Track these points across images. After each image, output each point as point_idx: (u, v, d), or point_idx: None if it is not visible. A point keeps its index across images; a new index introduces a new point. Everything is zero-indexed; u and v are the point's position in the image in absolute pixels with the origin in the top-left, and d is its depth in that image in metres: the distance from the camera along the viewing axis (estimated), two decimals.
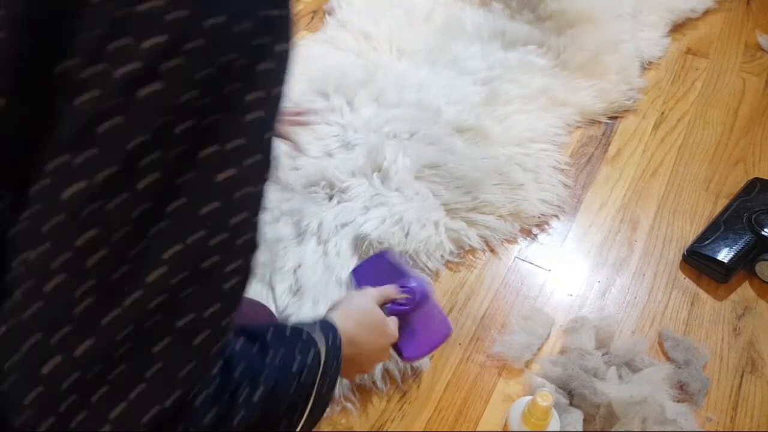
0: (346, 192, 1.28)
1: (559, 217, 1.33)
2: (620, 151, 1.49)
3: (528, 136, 1.45)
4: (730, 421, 1.02)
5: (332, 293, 1.12)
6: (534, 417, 0.89)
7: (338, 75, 1.58)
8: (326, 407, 0.59)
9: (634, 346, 1.07)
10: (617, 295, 1.19)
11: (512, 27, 1.77)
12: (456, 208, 1.29)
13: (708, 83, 1.68)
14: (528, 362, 1.08)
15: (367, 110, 1.49)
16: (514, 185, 1.33)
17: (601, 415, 0.98)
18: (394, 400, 1.03)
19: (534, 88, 1.56)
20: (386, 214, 1.24)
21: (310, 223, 1.22)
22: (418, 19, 1.81)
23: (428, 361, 1.07)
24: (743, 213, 1.26)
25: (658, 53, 1.75)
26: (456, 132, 1.43)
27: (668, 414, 0.97)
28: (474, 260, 1.25)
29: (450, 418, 1.02)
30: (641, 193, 1.39)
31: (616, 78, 1.61)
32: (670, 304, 1.18)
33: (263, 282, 1.14)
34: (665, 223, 1.32)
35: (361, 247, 1.18)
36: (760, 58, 1.77)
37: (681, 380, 1.04)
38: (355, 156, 1.37)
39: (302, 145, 1.08)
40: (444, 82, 1.58)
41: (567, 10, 1.77)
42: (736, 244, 1.20)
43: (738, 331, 1.14)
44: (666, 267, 1.24)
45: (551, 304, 1.18)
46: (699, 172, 1.44)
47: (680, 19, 1.87)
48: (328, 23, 1.85)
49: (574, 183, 1.40)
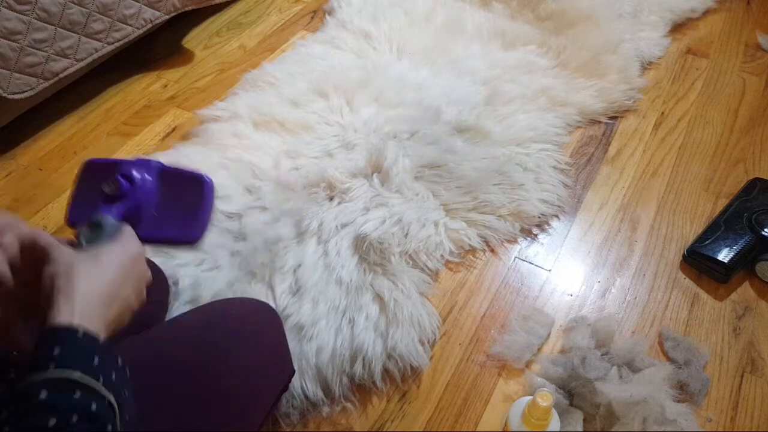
0: (346, 193, 1.28)
1: (559, 217, 1.33)
2: (620, 151, 1.49)
3: (528, 136, 1.45)
4: (730, 421, 1.02)
5: (332, 293, 1.12)
6: (534, 417, 0.89)
7: (338, 75, 1.59)
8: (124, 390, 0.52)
9: (634, 346, 1.07)
10: (617, 295, 1.19)
11: (512, 27, 1.77)
12: (456, 208, 1.29)
13: (708, 83, 1.68)
14: (528, 362, 1.08)
15: (367, 110, 1.49)
16: (514, 185, 1.33)
17: (601, 415, 0.98)
18: (394, 400, 1.03)
19: (534, 88, 1.56)
20: (386, 215, 1.24)
21: (310, 223, 1.22)
22: (418, 19, 1.81)
23: (428, 361, 1.08)
24: (743, 213, 1.26)
25: (658, 53, 1.75)
26: (456, 132, 1.43)
27: (668, 414, 0.97)
28: (474, 260, 1.25)
29: (450, 418, 1.02)
30: (641, 193, 1.39)
31: (616, 78, 1.61)
32: (670, 304, 1.18)
33: (263, 282, 1.14)
34: (665, 223, 1.32)
35: (362, 247, 1.18)
36: (760, 58, 1.77)
37: (681, 380, 1.04)
38: (355, 156, 1.37)
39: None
40: (444, 82, 1.58)
41: (567, 10, 1.77)
42: (736, 244, 1.20)
43: (738, 331, 1.14)
44: (666, 267, 1.24)
45: (551, 304, 1.18)
46: (699, 172, 1.44)
47: (680, 19, 1.87)
48: (328, 23, 1.85)
49: (574, 183, 1.40)
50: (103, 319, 0.54)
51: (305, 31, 1.87)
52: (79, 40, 1.44)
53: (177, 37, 1.85)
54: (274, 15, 1.94)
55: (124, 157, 1.45)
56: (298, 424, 0.99)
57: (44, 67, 1.40)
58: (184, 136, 1.51)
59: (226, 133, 1.44)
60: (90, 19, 1.44)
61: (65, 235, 1.30)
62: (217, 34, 1.87)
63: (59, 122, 1.55)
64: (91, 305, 0.54)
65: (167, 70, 1.73)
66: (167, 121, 1.56)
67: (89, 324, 0.52)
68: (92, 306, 0.54)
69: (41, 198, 1.36)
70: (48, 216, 1.33)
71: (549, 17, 1.78)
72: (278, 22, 1.91)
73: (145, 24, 1.58)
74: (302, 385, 1.01)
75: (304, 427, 0.99)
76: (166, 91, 1.65)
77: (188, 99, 1.63)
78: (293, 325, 1.07)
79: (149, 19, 1.58)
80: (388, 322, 1.09)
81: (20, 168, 1.44)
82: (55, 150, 1.48)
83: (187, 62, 1.76)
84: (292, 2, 2.00)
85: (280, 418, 0.99)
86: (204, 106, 1.57)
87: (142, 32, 1.59)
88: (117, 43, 1.54)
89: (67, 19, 1.39)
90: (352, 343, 1.06)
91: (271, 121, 1.46)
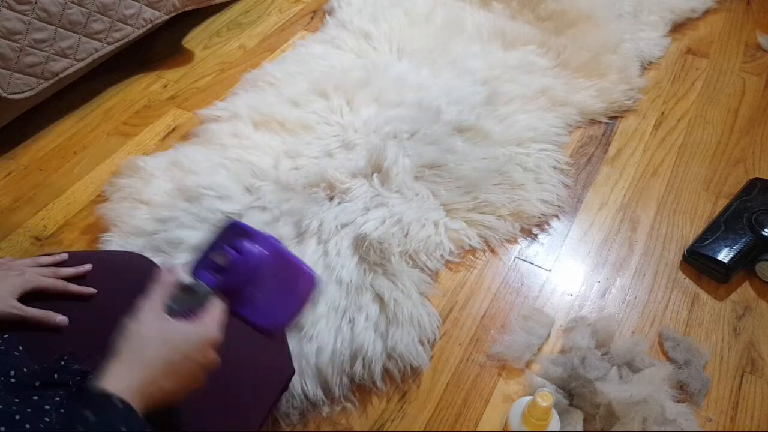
0: (346, 193, 1.28)
1: (559, 217, 1.33)
2: (620, 151, 1.49)
3: (528, 136, 1.45)
4: (730, 421, 1.02)
5: (332, 293, 1.12)
6: (534, 417, 0.89)
7: (338, 75, 1.59)
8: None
9: (634, 346, 1.06)
10: (617, 295, 1.19)
11: (512, 27, 1.77)
12: (456, 208, 1.29)
13: (708, 83, 1.68)
14: (528, 362, 1.08)
15: (367, 110, 1.49)
16: (515, 185, 1.33)
17: (601, 415, 0.98)
18: (394, 400, 1.03)
19: (534, 88, 1.56)
20: (386, 215, 1.24)
21: (310, 223, 1.22)
22: (418, 19, 1.81)
23: (428, 361, 1.08)
24: (743, 213, 1.26)
25: (658, 53, 1.75)
26: (456, 132, 1.43)
27: (668, 414, 0.97)
28: (474, 260, 1.25)
29: (450, 418, 1.02)
30: (641, 193, 1.39)
31: (616, 78, 1.61)
32: (670, 304, 1.18)
33: None
34: (665, 223, 1.32)
35: (362, 247, 1.18)
36: (760, 58, 1.77)
37: (681, 380, 1.04)
38: (355, 156, 1.37)
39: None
40: (444, 82, 1.58)
41: (567, 10, 1.77)
42: (736, 244, 1.20)
43: (738, 331, 1.14)
44: (666, 267, 1.24)
45: (551, 304, 1.18)
46: (699, 172, 1.44)
47: (680, 19, 1.87)
48: (328, 23, 1.85)
49: (574, 183, 1.40)
50: (146, 395, 0.56)
51: (305, 31, 1.87)
52: (79, 40, 1.44)
53: (177, 37, 1.85)
54: (274, 15, 1.94)
55: (124, 156, 1.45)
56: (298, 424, 0.99)
57: (44, 67, 1.40)
58: (184, 136, 1.51)
59: (226, 133, 1.44)
60: (90, 19, 1.44)
61: (65, 235, 1.31)
62: (217, 34, 1.87)
63: (59, 122, 1.55)
64: (140, 381, 0.56)
65: (167, 70, 1.73)
66: (167, 121, 1.56)
67: (129, 395, 0.55)
68: (141, 382, 0.56)
69: (41, 198, 1.36)
70: (48, 216, 1.33)
71: (549, 17, 1.78)
72: (278, 22, 1.91)
73: (145, 24, 1.58)
74: (302, 385, 1.01)
75: (304, 427, 0.99)
76: (166, 91, 1.66)
77: (188, 99, 1.63)
78: (293, 325, 1.07)
79: (149, 19, 1.58)
80: (388, 322, 1.09)
81: (20, 168, 1.44)
82: (55, 150, 1.48)
83: (187, 62, 1.76)
84: (292, 2, 2.00)
85: (280, 418, 0.99)
86: (204, 106, 1.57)
87: (142, 32, 1.59)
88: (117, 43, 1.54)
89: (67, 19, 1.39)
90: (352, 343, 1.06)
91: (271, 121, 1.46)
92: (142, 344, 0.58)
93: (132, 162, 1.37)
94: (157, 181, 1.31)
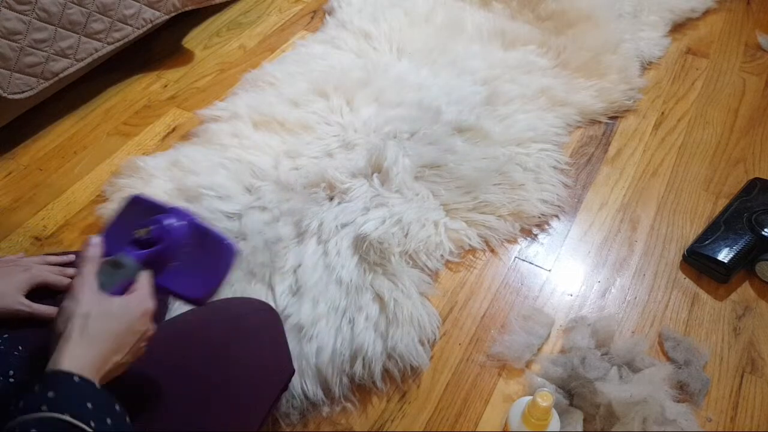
0: (346, 193, 1.28)
1: (559, 217, 1.33)
2: (620, 151, 1.49)
3: (528, 136, 1.45)
4: (730, 421, 1.02)
5: (332, 293, 1.12)
6: (534, 417, 0.89)
7: (338, 75, 1.59)
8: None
9: (634, 346, 1.06)
10: (617, 295, 1.19)
11: (512, 27, 1.77)
12: (456, 208, 1.29)
13: (708, 83, 1.68)
14: (528, 362, 1.08)
15: (367, 110, 1.49)
16: (514, 185, 1.33)
17: (601, 415, 0.98)
18: (394, 400, 1.03)
19: (534, 88, 1.56)
20: (386, 215, 1.24)
21: (310, 223, 1.22)
22: (418, 19, 1.81)
23: (428, 361, 1.08)
24: (743, 213, 1.26)
25: (658, 53, 1.75)
26: (456, 132, 1.43)
27: (668, 414, 0.97)
28: (474, 260, 1.25)
29: (450, 418, 1.02)
30: (641, 193, 1.39)
31: (616, 78, 1.61)
32: (670, 304, 1.18)
33: (263, 282, 1.14)
34: (665, 223, 1.32)
35: (362, 247, 1.18)
36: (760, 58, 1.77)
37: (681, 380, 1.04)
38: (355, 156, 1.37)
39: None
40: (444, 82, 1.58)
41: (567, 10, 1.77)
42: (736, 244, 1.20)
43: (738, 331, 1.14)
44: (666, 267, 1.24)
45: (551, 304, 1.18)
46: (699, 172, 1.44)
47: (680, 19, 1.87)
48: (328, 23, 1.85)
49: (574, 183, 1.40)
50: (102, 371, 0.58)
51: (305, 31, 1.87)
52: (79, 40, 1.44)
53: (177, 37, 1.85)
54: (274, 15, 1.95)
55: (124, 156, 1.45)
56: (298, 424, 0.99)
57: (44, 67, 1.40)
58: (184, 136, 1.51)
59: (225, 133, 1.44)
60: (90, 19, 1.44)
61: (64, 235, 1.31)
62: (217, 34, 1.87)
63: (59, 122, 1.55)
64: (94, 358, 0.57)
65: (167, 70, 1.73)
66: (167, 121, 1.56)
67: (88, 372, 0.56)
68: (95, 359, 0.57)
69: (41, 198, 1.36)
70: (48, 216, 1.33)
71: (549, 17, 1.78)
72: (278, 22, 1.91)
73: (145, 24, 1.58)
74: (302, 385, 1.01)
75: (304, 427, 0.99)
76: (166, 91, 1.65)
77: (188, 99, 1.63)
78: (293, 325, 1.07)
79: (149, 19, 1.58)
80: (388, 322, 1.09)
81: (20, 168, 1.44)
82: (55, 150, 1.48)
83: (187, 62, 1.76)
84: (292, 2, 2.00)
85: (280, 418, 0.99)
86: (204, 106, 1.57)
87: (142, 32, 1.59)
88: (117, 43, 1.54)
89: (67, 19, 1.39)
90: (352, 343, 1.06)
91: (271, 121, 1.46)
92: (88, 323, 0.59)
93: (132, 162, 1.37)
94: (157, 181, 1.31)
